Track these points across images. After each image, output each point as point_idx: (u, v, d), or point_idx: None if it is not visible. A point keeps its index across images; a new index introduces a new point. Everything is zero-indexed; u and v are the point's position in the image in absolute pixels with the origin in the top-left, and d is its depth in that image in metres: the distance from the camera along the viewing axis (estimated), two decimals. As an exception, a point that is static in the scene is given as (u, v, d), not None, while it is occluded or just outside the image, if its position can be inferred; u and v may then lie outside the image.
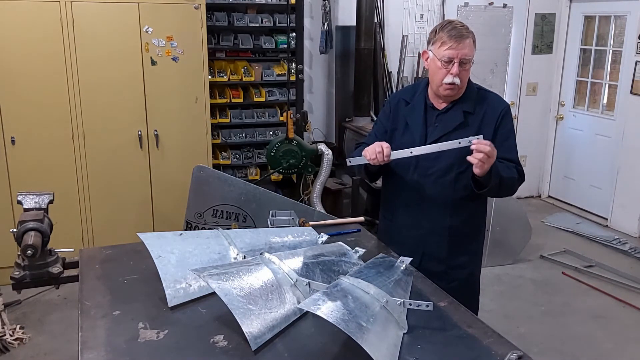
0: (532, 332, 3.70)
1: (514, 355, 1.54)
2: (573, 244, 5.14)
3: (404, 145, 2.22)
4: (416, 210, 2.26)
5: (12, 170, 4.03)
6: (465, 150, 2.07)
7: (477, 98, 2.23)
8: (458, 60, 2.10)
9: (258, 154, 5.21)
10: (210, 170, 3.69)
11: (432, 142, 2.18)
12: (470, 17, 5.84)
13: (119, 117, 4.22)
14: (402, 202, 2.32)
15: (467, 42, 2.10)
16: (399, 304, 1.68)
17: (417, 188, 2.23)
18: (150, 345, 1.58)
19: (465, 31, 2.12)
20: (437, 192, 2.21)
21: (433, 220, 2.24)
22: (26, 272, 2.09)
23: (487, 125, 2.18)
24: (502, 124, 2.19)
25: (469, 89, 2.24)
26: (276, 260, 1.84)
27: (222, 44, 4.96)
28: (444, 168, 2.19)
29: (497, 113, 2.19)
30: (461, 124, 2.18)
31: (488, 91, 2.31)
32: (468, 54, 2.11)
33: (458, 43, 2.09)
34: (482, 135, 2.04)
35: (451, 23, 2.15)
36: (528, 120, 6.30)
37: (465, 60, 2.11)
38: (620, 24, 5.65)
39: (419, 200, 2.25)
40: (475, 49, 2.15)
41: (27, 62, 3.94)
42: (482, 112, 2.20)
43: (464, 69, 2.14)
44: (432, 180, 2.21)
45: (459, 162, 2.14)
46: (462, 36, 2.09)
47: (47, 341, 3.49)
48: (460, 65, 2.12)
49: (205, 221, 3.61)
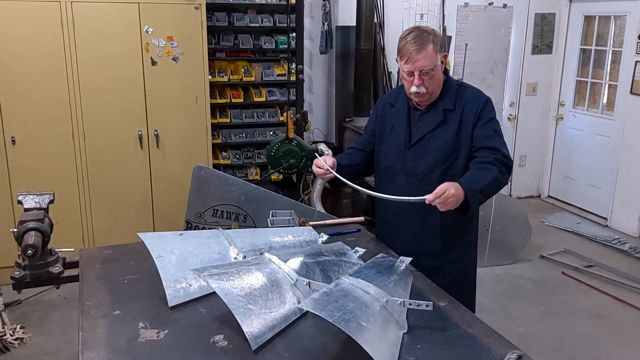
0: (532, 332, 3.70)
1: (514, 355, 1.54)
2: (573, 244, 5.13)
3: (392, 146, 2.32)
4: (407, 209, 2.28)
5: (12, 170, 4.03)
6: (449, 148, 2.19)
7: (457, 95, 2.24)
8: (417, 73, 2.11)
9: (258, 154, 5.21)
10: (211, 170, 3.69)
11: (416, 141, 2.25)
12: (470, 17, 5.84)
13: (119, 117, 4.22)
14: (393, 202, 2.33)
15: (422, 54, 2.08)
16: (399, 303, 1.68)
17: (405, 188, 2.26)
18: (151, 345, 1.58)
19: (420, 43, 2.08)
20: (425, 190, 2.17)
21: (424, 218, 2.27)
22: (26, 272, 2.09)
23: (467, 122, 2.20)
24: (480, 116, 2.20)
25: (448, 86, 2.25)
26: (276, 260, 1.84)
27: (222, 44, 4.96)
28: (429, 167, 2.23)
29: (475, 108, 2.20)
30: (441, 122, 2.22)
31: (467, 87, 2.31)
32: (425, 66, 2.10)
33: (414, 57, 2.09)
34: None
35: (410, 34, 2.13)
36: (528, 120, 6.30)
37: (426, 71, 2.11)
38: (620, 24, 5.64)
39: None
40: (440, 51, 2.13)
41: (27, 62, 3.94)
42: (462, 108, 2.22)
43: (428, 77, 2.13)
44: (419, 179, 2.24)
45: (444, 159, 2.21)
46: (418, 49, 2.08)
47: (47, 341, 3.49)
48: (423, 75, 2.12)
49: (206, 221, 3.61)
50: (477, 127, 2.19)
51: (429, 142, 2.23)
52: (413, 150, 2.25)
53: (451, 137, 2.20)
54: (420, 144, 2.24)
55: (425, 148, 2.23)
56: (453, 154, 2.21)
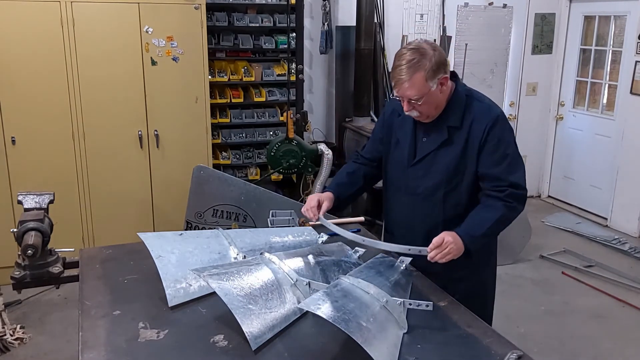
0: (532, 332, 3.70)
1: (513, 355, 1.54)
2: (573, 244, 5.13)
3: (396, 161, 2.23)
4: (410, 228, 2.24)
5: (12, 170, 4.03)
6: (453, 169, 2.07)
7: (465, 109, 2.08)
8: (406, 100, 2.01)
9: (258, 154, 5.21)
10: (211, 170, 3.69)
11: (419, 159, 2.14)
12: (470, 17, 5.84)
13: (119, 117, 4.22)
14: (397, 219, 2.31)
15: (409, 84, 1.95)
16: (399, 303, 1.68)
17: (408, 207, 2.21)
18: (151, 345, 1.58)
19: (410, 72, 1.95)
20: (427, 211, 2.17)
21: (426, 237, 2.11)
22: (26, 272, 2.09)
23: (473, 142, 2.05)
24: (487, 138, 2.03)
25: (456, 99, 2.09)
26: (276, 260, 1.84)
27: (222, 44, 4.96)
28: (432, 187, 2.13)
29: (483, 127, 2.03)
30: (445, 141, 2.08)
31: (478, 100, 2.12)
32: (412, 96, 1.97)
33: (399, 85, 1.98)
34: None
35: (404, 56, 1.97)
36: (528, 120, 6.30)
37: (412, 100, 1.99)
38: (620, 24, 5.64)
39: (411, 218, 2.22)
40: (433, 79, 1.97)
41: (27, 62, 3.94)
42: (469, 125, 2.06)
43: (419, 104, 2.00)
44: (421, 199, 2.17)
45: (447, 180, 2.10)
46: (405, 78, 1.95)
47: (47, 341, 3.49)
48: (413, 102, 2.00)
49: (206, 221, 3.61)
50: (484, 152, 2.04)
51: (432, 161, 2.12)
52: (415, 169, 2.15)
53: (456, 157, 2.07)
54: (423, 163, 2.14)
55: (429, 168, 2.12)
56: (457, 176, 2.10)
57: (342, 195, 2.32)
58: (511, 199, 2.02)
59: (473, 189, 2.11)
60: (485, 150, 2.04)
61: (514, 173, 2.04)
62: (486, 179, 2.06)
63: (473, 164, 2.07)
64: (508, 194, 2.02)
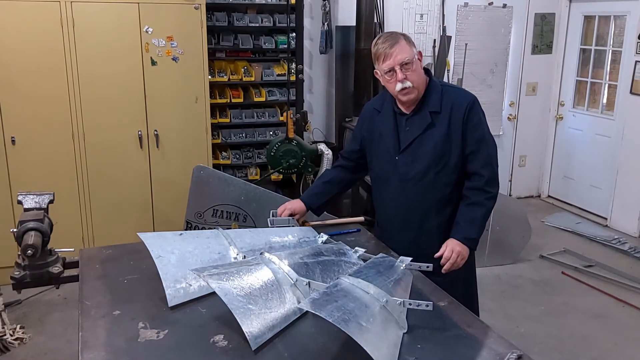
0: (532, 332, 3.70)
1: (513, 355, 1.54)
2: (573, 244, 5.13)
3: (382, 153, 2.34)
4: (403, 214, 2.34)
5: (12, 170, 4.03)
6: (440, 150, 2.21)
7: (442, 95, 2.25)
8: (398, 66, 2.15)
9: (258, 154, 5.21)
10: (211, 170, 3.69)
11: (405, 147, 2.27)
12: (470, 17, 5.84)
13: (119, 117, 4.22)
14: (390, 207, 2.40)
15: (397, 48, 2.14)
16: (398, 303, 1.68)
17: (400, 193, 2.31)
18: (151, 345, 1.58)
19: (392, 40, 2.15)
20: (420, 195, 2.28)
21: (421, 221, 2.31)
22: (26, 272, 2.09)
23: (455, 123, 2.22)
24: (468, 118, 2.22)
25: (432, 87, 2.27)
26: (276, 260, 1.84)
27: (222, 44, 4.96)
28: (422, 171, 2.25)
29: (463, 108, 2.22)
30: (429, 125, 2.24)
31: (452, 87, 2.36)
32: (404, 58, 2.14)
33: (389, 52, 2.14)
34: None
35: (379, 38, 2.20)
36: (528, 120, 6.30)
37: (405, 62, 2.15)
38: (619, 24, 5.64)
39: (404, 204, 2.32)
40: (413, 46, 2.19)
41: (27, 62, 3.94)
42: (449, 109, 2.23)
43: (410, 70, 2.16)
44: (413, 184, 2.28)
45: (435, 162, 2.24)
46: (391, 45, 2.14)
47: (47, 341, 3.49)
48: (404, 68, 2.15)
49: (206, 221, 3.61)
50: (467, 130, 2.22)
51: (419, 146, 2.25)
52: (403, 156, 2.28)
53: (441, 139, 2.23)
54: (410, 150, 2.27)
55: (416, 153, 2.26)
56: (444, 157, 2.24)
57: (313, 205, 2.47)
58: (489, 188, 2.24)
59: (459, 167, 2.26)
60: (469, 128, 2.22)
61: (489, 153, 2.25)
62: (468, 173, 2.26)
63: (458, 143, 2.23)
64: (485, 186, 2.23)
